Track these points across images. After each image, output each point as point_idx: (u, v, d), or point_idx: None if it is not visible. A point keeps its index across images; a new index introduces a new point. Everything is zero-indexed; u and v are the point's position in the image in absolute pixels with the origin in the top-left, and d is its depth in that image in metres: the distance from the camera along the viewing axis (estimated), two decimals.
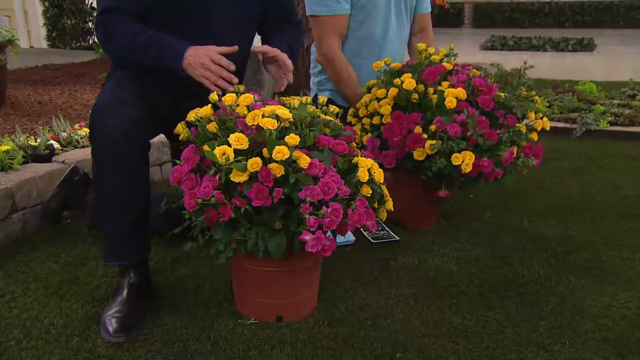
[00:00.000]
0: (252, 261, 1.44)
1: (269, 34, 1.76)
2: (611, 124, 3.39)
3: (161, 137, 2.51)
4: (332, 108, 1.62)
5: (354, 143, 1.58)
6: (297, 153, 1.31)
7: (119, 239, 1.48)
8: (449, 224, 2.14)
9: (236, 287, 1.56)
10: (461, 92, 1.76)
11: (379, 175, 1.44)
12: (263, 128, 1.33)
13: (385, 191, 1.55)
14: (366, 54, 2.20)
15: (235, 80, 1.47)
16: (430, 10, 2.43)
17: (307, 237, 1.31)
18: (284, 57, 1.62)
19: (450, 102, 1.74)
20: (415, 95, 1.83)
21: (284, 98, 1.57)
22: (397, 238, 2.00)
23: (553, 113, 3.62)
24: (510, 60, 4.56)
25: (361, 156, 1.51)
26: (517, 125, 1.79)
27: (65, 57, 5.66)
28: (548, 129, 1.89)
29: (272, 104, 1.49)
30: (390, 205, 1.54)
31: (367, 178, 1.40)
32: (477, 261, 1.84)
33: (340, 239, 1.95)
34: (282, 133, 1.37)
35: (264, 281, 1.48)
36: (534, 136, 1.87)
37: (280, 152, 1.28)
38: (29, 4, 7.12)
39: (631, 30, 11.14)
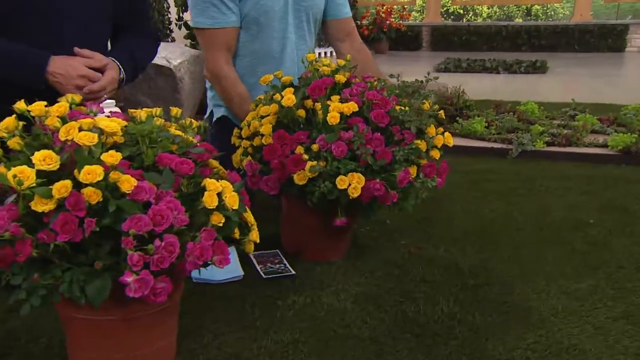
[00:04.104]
0: (80, 309, 1.17)
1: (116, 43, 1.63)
2: (548, 144, 3.24)
3: None
4: (195, 123, 1.39)
5: (213, 162, 1.34)
6: (115, 174, 1.06)
7: None
8: (358, 254, 1.91)
9: (67, 342, 1.28)
10: (347, 107, 1.54)
11: (232, 200, 1.19)
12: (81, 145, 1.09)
13: (250, 219, 1.31)
14: (262, 71, 1.98)
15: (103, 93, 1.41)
16: (350, 14, 2.25)
17: (129, 278, 1.06)
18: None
19: (333, 118, 1.52)
20: (302, 112, 1.61)
21: (132, 110, 1.33)
22: (293, 272, 1.75)
23: (490, 133, 3.46)
24: (458, 82, 4.45)
25: (224, 178, 1.28)
26: (415, 142, 1.58)
27: None
28: (450, 144, 1.68)
29: (116, 117, 1.26)
30: (255, 235, 1.30)
31: (216, 204, 1.16)
32: (378, 298, 1.61)
33: (225, 274, 1.70)
34: None
35: (97, 333, 1.21)
36: (436, 154, 1.66)
37: (91, 172, 1.03)
38: None
39: (585, 53, 11.30)
